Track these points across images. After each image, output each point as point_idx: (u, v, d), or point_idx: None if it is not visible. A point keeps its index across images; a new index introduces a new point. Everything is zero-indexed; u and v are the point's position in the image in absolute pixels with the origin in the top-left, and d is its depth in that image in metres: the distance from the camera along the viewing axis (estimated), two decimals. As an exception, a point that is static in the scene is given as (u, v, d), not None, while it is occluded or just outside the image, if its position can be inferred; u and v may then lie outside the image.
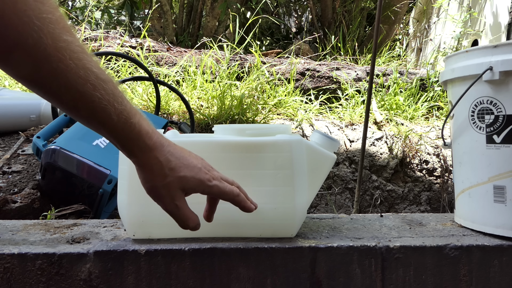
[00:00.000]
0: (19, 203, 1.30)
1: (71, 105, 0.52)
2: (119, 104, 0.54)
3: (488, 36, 3.77)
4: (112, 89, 0.53)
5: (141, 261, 0.70)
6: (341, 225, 0.86)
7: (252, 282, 0.72)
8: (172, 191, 0.60)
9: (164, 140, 0.61)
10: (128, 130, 0.55)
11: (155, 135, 0.59)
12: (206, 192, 0.64)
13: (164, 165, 0.59)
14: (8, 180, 1.46)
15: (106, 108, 0.52)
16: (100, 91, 0.51)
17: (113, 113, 0.53)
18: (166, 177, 0.59)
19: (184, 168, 0.61)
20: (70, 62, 0.48)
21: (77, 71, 0.49)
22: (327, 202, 2.10)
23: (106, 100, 0.52)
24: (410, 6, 5.17)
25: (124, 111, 0.54)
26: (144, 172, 0.60)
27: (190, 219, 0.63)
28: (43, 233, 0.79)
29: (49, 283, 0.68)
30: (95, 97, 0.51)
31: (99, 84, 0.51)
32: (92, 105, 0.51)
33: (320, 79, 2.86)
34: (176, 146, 0.62)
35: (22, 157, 1.64)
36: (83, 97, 0.51)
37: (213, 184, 0.63)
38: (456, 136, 0.86)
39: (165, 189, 0.60)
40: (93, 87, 0.51)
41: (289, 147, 0.72)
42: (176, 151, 0.61)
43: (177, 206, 0.61)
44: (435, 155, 2.34)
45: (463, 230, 0.83)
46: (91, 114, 0.53)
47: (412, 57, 4.89)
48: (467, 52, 0.82)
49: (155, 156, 0.59)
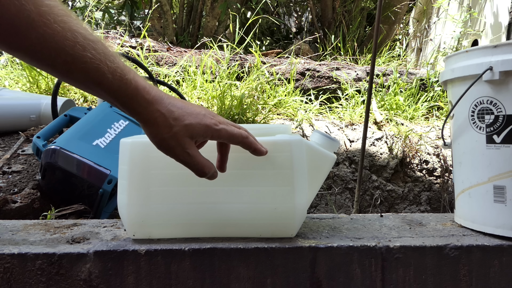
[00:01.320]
0: (19, 203, 1.30)
1: (64, 70, 0.52)
2: (112, 62, 0.53)
3: (488, 36, 3.76)
4: (102, 49, 0.53)
5: (141, 261, 0.70)
6: (341, 225, 0.86)
7: (252, 282, 0.72)
8: (180, 140, 0.59)
9: (163, 93, 0.60)
10: (124, 87, 0.55)
11: (153, 90, 0.58)
12: (215, 137, 0.63)
13: (168, 116, 0.58)
14: (8, 180, 1.46)
15: (99, 68, 0.52)
16: (91, 51, 0.51)
17: (107, 71, 0.53)
18: (172, 127, 0.59)
19: (188, 116, 0.60)
20: (56, 25, 0.48)
21: (64, 34, 0.49)
22: (327, 202, 2.10)
23: (98, 59, 0.52)
24: (410, 6, 5.18)
25: (118, 69, 0.54)
26: (150, 127, 0.59)
27: (206, 166, 0.63)
28: (43, 233, 0.79)
29: (49, 283, 0.69)
30: (86, 57, 0.51)
31: (88, 45, 0.51)
32: (85, 65, 0.51)
33: (320, 79, 2.86)
34: (175, 98, 0.62)
35: (22, 157, 1.64)
36: (75, 60, 0.51)
37: (220, 127, 0.62)
38: (456, 136, 0.86)
39: (173, 140, 0.59)
40: (82, 48, 0.50)
41: (289, 147, 0.72)
42: (177, 102, 0.60)
43: (189, 154, 0.61)
44: (435, 155, 2.34)
45: (463, 230, 0.83)
46: (86, 75, 0.52)
47: (412, 57, 4.89)
48: (467, 52, 0.82)
49: (157, 109, 0.58)
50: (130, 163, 0.72)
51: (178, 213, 0.72)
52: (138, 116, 0.58)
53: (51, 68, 0.52)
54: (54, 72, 0.53)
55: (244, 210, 0.72)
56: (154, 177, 0.71)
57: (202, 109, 0.63)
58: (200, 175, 0.63)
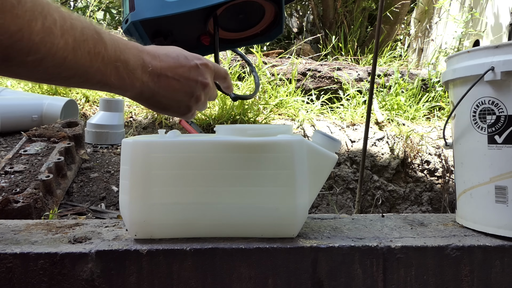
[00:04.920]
0: (21, 203, 1.30)
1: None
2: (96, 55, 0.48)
3: (489, 36, 3.76)
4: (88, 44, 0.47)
5: (143, 261, 0.70)
6: (343, 225, 0.86)
7: (253, 282, 0.72)
8: (198, 68, 0.60)
9: (146, 56, 0.55)
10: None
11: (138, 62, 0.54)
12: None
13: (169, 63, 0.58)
14: (10, 180, 1.46)
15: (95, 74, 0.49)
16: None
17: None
18: (186, 63, 0.60)
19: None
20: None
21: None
22: (328, 202, 2.10)
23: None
24: (412, 7, 5.17)
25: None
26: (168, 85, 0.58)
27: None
28: (45, 233, 0.79)
29: (51, 283, 0.69)
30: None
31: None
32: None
33: (321, 79, 2.85)
34: (150, 50, 0.58)
35: (24, 157, 1.64)
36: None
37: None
38: (458, 137, 0.86)
39: (201, 66, 0.60)
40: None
41: (290, 147, 0.72)
42: (154, 51, 0.58)
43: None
44: (436, 155, 2.33)
45: (464, 231, 0.83)
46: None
47: (414, 57, 4.88)
48: (468, 52, 0.82)
49: (158, 74, 0.56)
50: (131, 163, 0.72)
51: (179, 213, 0.72)
52: (150, 86, 0.57)
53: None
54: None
55: (245, 210, 0.72)
56: (156, 177, 0.71)
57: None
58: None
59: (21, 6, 0.38)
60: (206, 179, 0.72)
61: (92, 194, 1.72)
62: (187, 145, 0.72)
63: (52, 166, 1.56)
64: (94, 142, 2.16)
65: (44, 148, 1.71)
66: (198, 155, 0.72)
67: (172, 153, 0.72)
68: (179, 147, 0.72)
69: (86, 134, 2.15)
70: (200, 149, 0.72)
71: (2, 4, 0.36)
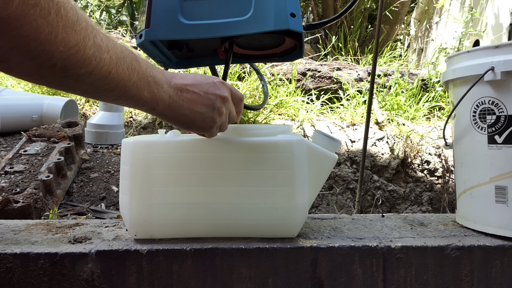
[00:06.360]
0: (21, 203, 1.30)
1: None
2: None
3: (489, 36, 3.76)
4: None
5: (143, 261, 0.70)
6: (343, 225, 0.86)
7: (253, 282, 0.72)
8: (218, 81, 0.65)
9: (170, 81, 0.61)
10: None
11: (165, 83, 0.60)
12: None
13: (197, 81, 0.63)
14: (10, 180, 1.46)
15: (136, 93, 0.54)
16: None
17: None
18: (208, 78, 0.64)
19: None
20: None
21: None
22: (328, 203, 2.10)
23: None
24: (412, 7, 5.17)
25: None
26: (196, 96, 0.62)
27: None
28: (45, 233, 0.79)
29: (51, 283, 0.69)
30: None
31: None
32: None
33: (321, 79, 2.86)
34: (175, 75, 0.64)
35: (24, 157, 1.64)
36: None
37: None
38: (458, 137, 0.86)
39: (218, 83, 0.65)
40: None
41: (290, 147, 0.72)
42: (173, 72, 0.64)
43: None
44: (436, 155, 2.33)
45: (464, 231, 0.83)
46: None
47: (414, 57, 4.89)
48: (468, 52, 0.82)
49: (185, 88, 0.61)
50: (132, 163, 0.72)
51: (179, 213, 0.72)
52: (179, 95, 0.61)
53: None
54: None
55: (245, 210, 0.72)
56: (156, 177, 0.71)
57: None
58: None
59: (79, 24, 0.44)
60: (206, 179, 0.72)
61: (92, 194, 1.72)
62: (187, 145, 0.72)
63: (52, 166, 1.56)
64: (94, 142, 2.16)
65: (44, 148, 1.71)
66: (198, 155, 0.72)
67: (172, 153, 0.72)
68: (179, 147, 0.72)
69: (86, 134, 2.15)
70: (200, 149, 0.72)
71: (66, 21, 0.42)
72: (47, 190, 1.48)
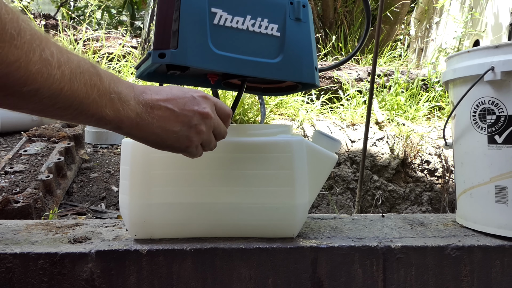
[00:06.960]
0: (21, 203, 1.30)
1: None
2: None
3: (489, 36, 3.76)
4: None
5: (143, 261, 0.70)
6: (343, 225, 0.86)
7: (253, 282, 0.72)
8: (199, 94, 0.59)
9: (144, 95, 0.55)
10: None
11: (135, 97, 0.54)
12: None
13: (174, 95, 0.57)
14: (10, 180, 1.46)
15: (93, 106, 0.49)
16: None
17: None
18: (187, 92, 0.58)
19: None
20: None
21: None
22: (328, 203, 2.10)
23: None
24: (412, 7, 5.17)
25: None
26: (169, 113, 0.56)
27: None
28: (45, 233, 0.79)
29: (51, 283, 0.69)
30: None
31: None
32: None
33: (321, 79, 2.85)
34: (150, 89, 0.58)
35: (24, 157, 1.64)
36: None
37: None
38: (458, 137, 0.86)
39: (198, 97, 0.58)
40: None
41: (290, 147, 0.72)
42: (145, 86, 0.58)
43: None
44: (436, 155, 2.33)
45: (464, 231, 0.83)
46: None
47: (414, 57, 4.89)
48: (468, 52, 0.82)
49: (160, 105, 0.56)
50: (131, 163, 0.72)
51: (179, 213, 0.72)
52: (152, 114, 0.55)
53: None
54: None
55: (245, 210, 0.72)
56: (156, 177, 0.71)
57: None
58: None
59: (20, 38, 0.39)
60: (206, 179, 0.72)
61: (92, 194, 1.72)
62: (187, 145, 0.72)
63: (52, 166, 1.56)
64: (94, 142, 2.16)
65: (44, 148, 1.71)
66: (198, 155, 0.72)
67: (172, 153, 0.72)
68: (179, 147, 0.72)
69: (86, 134, 2.15)
70: (200, 149, 0.72)
71: (2, 35, 0.37)
72: (47, 190, 1.48)
